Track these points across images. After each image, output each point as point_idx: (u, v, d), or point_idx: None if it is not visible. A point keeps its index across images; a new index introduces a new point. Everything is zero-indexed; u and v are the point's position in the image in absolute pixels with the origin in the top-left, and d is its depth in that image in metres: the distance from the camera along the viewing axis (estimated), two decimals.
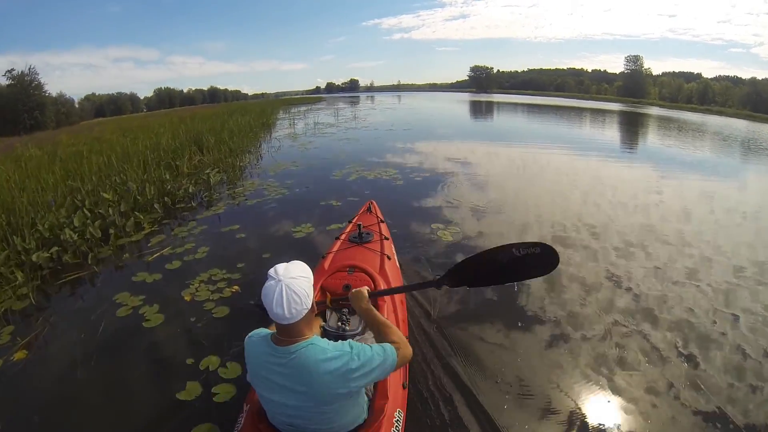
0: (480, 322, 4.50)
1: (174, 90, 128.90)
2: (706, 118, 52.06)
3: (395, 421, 2.50)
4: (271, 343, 2.05)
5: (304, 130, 23.32)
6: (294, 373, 1.98)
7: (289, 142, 18.34)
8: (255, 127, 22.79)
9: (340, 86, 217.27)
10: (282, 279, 1.94)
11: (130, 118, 57.49)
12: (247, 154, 15.29)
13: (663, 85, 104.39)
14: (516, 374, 3.73)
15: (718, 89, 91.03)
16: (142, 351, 4.26)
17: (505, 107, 53.01)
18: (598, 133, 26.54)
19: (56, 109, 67.15)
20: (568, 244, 6.69)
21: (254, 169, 12.69)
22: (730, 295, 5.21)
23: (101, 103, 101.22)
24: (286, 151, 15.94)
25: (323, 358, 1.97)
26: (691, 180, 12.15)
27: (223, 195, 9.95)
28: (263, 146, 17.55)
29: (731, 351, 4.12)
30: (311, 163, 13.12)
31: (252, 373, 2.16)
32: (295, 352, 1.97)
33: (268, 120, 27.72)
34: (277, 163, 13.41)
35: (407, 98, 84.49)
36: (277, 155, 15.16)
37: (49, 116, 62.05)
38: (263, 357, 2.07)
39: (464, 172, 11.88)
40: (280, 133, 22.58)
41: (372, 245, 4.50)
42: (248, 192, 10.06)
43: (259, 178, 11.41)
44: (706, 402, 3.43)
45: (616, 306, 4.90)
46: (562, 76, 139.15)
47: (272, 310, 1.94)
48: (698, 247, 6.73)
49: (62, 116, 67.69)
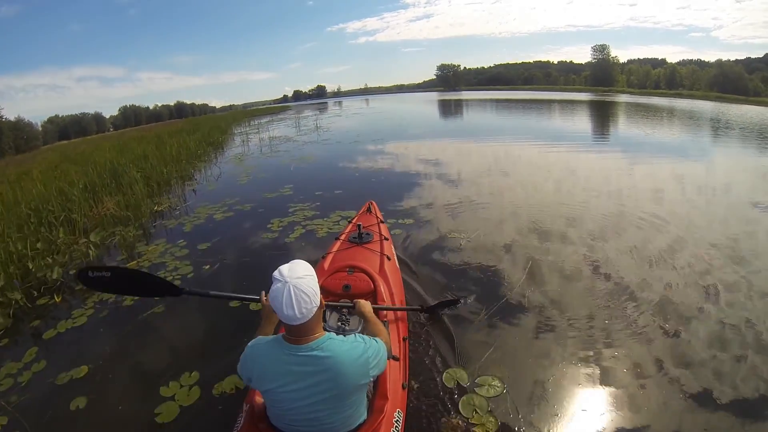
0: (475, 321, 4.46)
1: (140, 107, 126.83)
2: (676, 102, 51.62)
3: (395, 421, 2.47)
4: (286, 344, 2.03)
5: (256, 148, 20.04)
6: (318, 368, 1.98)
7: (231, 168, 14.82)
8: (198, 149, 19.47)
9: (308, 93, 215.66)
10: (288, 280, 1.93)
11: (84, 141, 54.10)
12: (175, 189, 12.02)
13: (631, 72, 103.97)
14: (511, 366, 3.72)
15: (684, 73, 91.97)
16: None
17: (475, 104, 50.79)
18: (569, 124, 26.17)
19: (15, 134, 64.84)
20: (545, 234, 6.72)
21: (168, 219, 9.12)
22: (707, 269, 5.31)
23: (65, 124, 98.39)
24: (223, 183, 12.43)
25: (346, 348, 2.04)
26: (661, 163, 12.41)
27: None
28: (199, 176, 14.02)
29: (713, 324, 4.18)
30: (245, 205, 9.46)
31: (265, 377, 2.08)
32: (317, 348, 1.99)
33: (218, 138, 24.23)
34: (201, 205, 9.80)
35: (375, 101, 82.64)
36: (208, 192, 11.52)
37: (7, 142, 60.04)
38: (280, 358, 2.03)
39: (438, 172, 11.71)
40: (228, 154, 19.29)
41: (372, 245, 4.50)
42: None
43: (167, 236, 7.89)
44: (693, 377, 3.46)
45: (598, 290, 4.95)
46: (530, 70, 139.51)
47: (282, 312, 1.93)
48: (673, 226, 6.84)
49: (21, 141, 65.48)
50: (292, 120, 39.24)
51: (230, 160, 17.02)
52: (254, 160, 16.37)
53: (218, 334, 4.53)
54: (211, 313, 4.87)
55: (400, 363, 3.08)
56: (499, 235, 6.66)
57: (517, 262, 5.74)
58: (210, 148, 20.86)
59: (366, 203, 5.79)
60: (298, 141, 21.15)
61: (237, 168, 14.61)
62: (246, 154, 18.04)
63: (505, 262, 5.79)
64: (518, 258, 5.88)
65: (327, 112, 54.92)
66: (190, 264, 6.40)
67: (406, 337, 3.53)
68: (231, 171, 14.17)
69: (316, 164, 14.24)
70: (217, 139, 23.83)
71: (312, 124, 31.62)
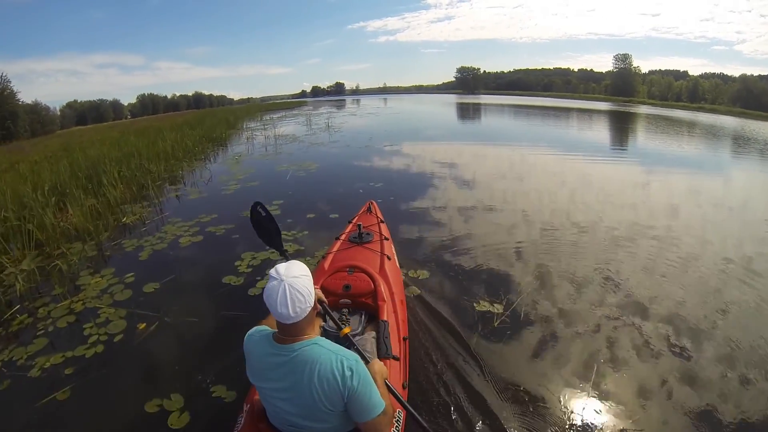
0: (476, 322, 4.44)
1: (157, 96, 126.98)
2: (698, 115, 49.66)
3: (395, 421, 2.40)
4: (272, 341, 2.00)
5: (260, 146, 18.39)
6: (294, 371, 1.92)
7: (225, 171, 13.09)
8: (197, 146, 17.99)
9: (326, 90, 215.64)
10: (284, 278, 1.89)
11: (95, 128, 53.38)
12: (156, 194, 10.33)
13: (652, 83, 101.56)
14: (514, 373, 3.65)
15: (707, 87, 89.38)
16: None
17: (494, 109, 48.66)
18: (588, 133, 25.28)
19: (31, 117, 64.13)
20: (557, 242, 6.58)
21: (131, 238, 7.36)
22: (719, 288, 5.18)
23: (83, 110, 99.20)
24: (208, 191, 10.64)
25: (326, 358, 1.91)
26: (679, 176, 12.03)
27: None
28: (188, 178, 12.39)
29: (722, 344, 4.05)
30: (219, 227, 7.57)
31: (252, 371, 2.08)
32: (297, 350, 1.93)
33: (221, 134, 22.52)
34: (173, 221, 8.08)
35: (393, 101, 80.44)
36: (187, 202, 9.74)
37: (22, 125, 59.06)
38: (264, 355, 2.01)
39: (451, 175, 11.55)
40: (229, 152, 17.65)
41: (372, 245, 4.43)
42: (59, 328, 4.81)
43: (119, 265, 6.23)
44: (698, 397, 3.37)
45: (607, 302, 4.84)
46: (549, 76, 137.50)
47: (276, 310, 1.88)
48: (686, 241, 6.67)
49: (37, 125, 65.00)
50: (305, 117, 37.30)
51: (228, 160, 15.41)
52: (253, 161, 14.65)
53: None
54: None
55: (401, 363, 3.01)
56: (510, 241, 6.57)
57: (528, 269, 5.67)
58: (211, 145, 19.35)
59: (366, 203, 5.71)
60: (305, 142, 19.32)
61: (231, 171, 12.88)
62: (246, 154, 16.35)
63: (516, 268, 5.70)
64: (529, 265, 5.80)
65: (343, 110, 53.10)
66: (124, 318, 4.75)
67: (406, 336, 3.46)
68: (223, 174, 12.46)
69: (316, 174, 12.07)
70: (221, 135, 22.18)
71: (324, 122, 29.74)
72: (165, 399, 3.46)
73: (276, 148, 17.64)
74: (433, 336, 4.15)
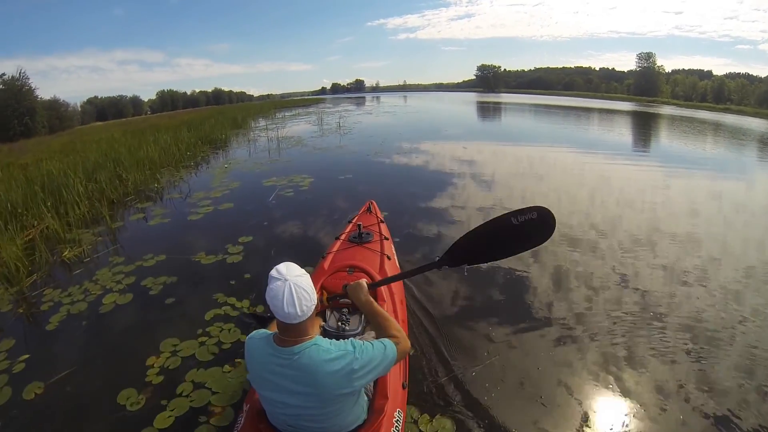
0: (481, 321, 4.36)
1: (177, 92, 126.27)
2: (725, 117, 46.96)
3: (395, 421, 2.43)
4: (273, 344, 1.97)
5: (260, 150, 16.27)
6: (298, 374, 1.90)
7: (203, 185, 10.81)
8: (190, 149, 16.11)
9: (346, 87, 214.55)
10: (288, 278, 1.87)
11: (106, 125, 52.92)
12: (116, 216, 8.47)
13: (676, 82, 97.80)
14: (518, 373, 3.60)
15: (733, 87, 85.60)
16: None
17: (516, 109, 46.09)
18: (610, 135, 23.64)
19: (49, 114, 63.29)
20: (575, 242, 6.44)
21: (54, 289, 5.49)
22: (739, 294, 5.03)
23: (104, 106, 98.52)
24: (172, 216, 8.44)
25: (327, 359, 1.91)
26: (701, 179, 11.65)
27: None
28: (166, 191, 10.48)
29: (741, 352, 3.92)
30: (158, 280, 5.50)
31: (253, 374, 2.06)
32: (298, 353, 1.90)
33: (219, 136, 20.36)
34: (108, 266, 6.02)
35: (413, 99, 78.22)
36: (141, 232, 7.70)
37: (41, 122, 58.33)
38: (265, 358, 1.98)
39: (471, 173, 11.30)
40: (223, 157, 15.56)
41: (372, 245, 4.38)
42: None
43: (20, 334, 4.50)
44: (715, 404, 3.25)
45: (624, 305, 4.73)
46: (570, 75, 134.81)
47: (283, 310, 1.84)
48: (707, 245, 6.47)
49: (56, 121, 63.93)
50: (318, 116, 35.12)
51: (216, 168, 13.29)
52: (241, 172, 12.39)
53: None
54: None
55: (400, 363, 2.87)
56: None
57: (545, 270, 5.52)
58: (208, 147, 17.44)
59: (366, 203, 5.55)
60: (309, 145, 17.13)
61: (211, 185, 10.69)
62: (239, 161, 14.23)
63: (533, 268, 5.52)
64: (546, 265, 5.64)
65: (360, 107, 51.17)
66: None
67: (407, 334, 3.21)
68: (202, 188, 10.36)
69: (306, 194, 9.46)
70: (219, 137, 20.13)
71: (334, 121, 27.50)
72: None
73: (276, 153, 15.56)
74: (433, 336, 4.09)
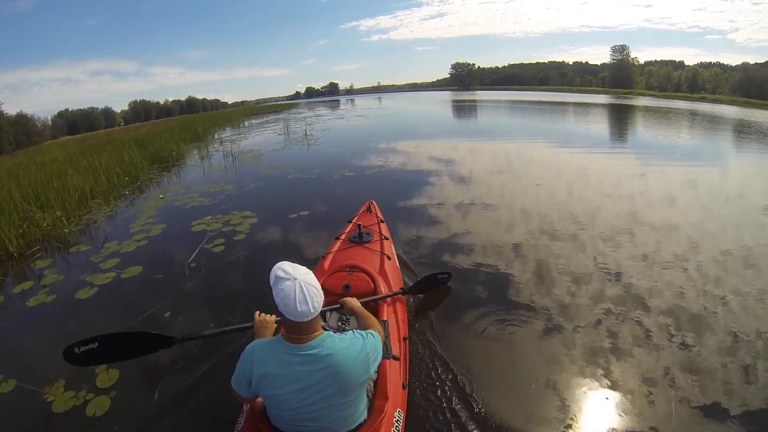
0: (476, 320, 4.26)
1: (150, 102, 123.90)
2: (701, 106, 46.04)
3: (395, 421, 2.41)
4: (286, 344, 1.97)
5: (213, 169, 14.01)
6: (319, 367, 1.92)
7: (123, 230, 8.23)
8: (126, 175, 13.45)
9: (320, 90, 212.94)
10: (297, 277, 1.89)
11: (68, 140, 50.29)
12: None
13: (651, 74, 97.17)
14: (514, 371, 3.57)
15: (707, 76, 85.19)
16: None
17: (490, 106, 44.32)
18: (588, 127, 23.99)
19: (16, 129, 61.76)
20: (555, 236, 6.40)
21: None
22: (719, 277, 5.03)
23: (75, 118, 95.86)
24: (60, 293, 5.76)
25: (345, 347, 1.98)
26: (677, 167, 11.51)
27: None
28: (78, 239, 7.98)
29: (723, 334, 3.93)
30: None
31: (265, 377, 1.98)
32: (318, 347, 1.93)
33: (171, 153, 17.68)
34: None
35: (387, 100, 76.32)
36: (17, 317, 5.44)
37: (6, 138, 57.02)
38: (282, 357, 1.96)
39: (448, 171, 11.23)
40: (165, 183, 13.01)
41: (372, 245, 4.37)
42: None
43: None
44: (701, 387, 3.27)
45: (607, 295, 4.70)
46: (545, 70, 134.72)
47: (296, 309, 1.85)
48: (685, 232, 6.50)
49: (23, 137, 62.27)
50: (287, 122, 32.63)
51: (147, 201, 10.60)
52: (171, 209, 9.50)
53: None
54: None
55: (401, 363, 2.97)
56: (508, 236, 6.38)
57: (526, 264, 5.50)
58: (155, 168, 15.10)
59: (366, 203, 5.60)
60: (267, 163, 14.44)
61: (130, 230, 8.12)
62: (179, 189, 11.51)
63: (514, 263, 5.52)
64: (527, 260, 5.63)
65: (334, 111, 49.32)
66: None
67: (406, 336, 3.40)
68: (115, 238, 7.76)
69: (238, 256, 6.45)
70: (171, 155, 17.48)
71: (303, 129, 24.91)
72: None
73: (225, 175, 13.03)
74: (433, 336, 4.00)
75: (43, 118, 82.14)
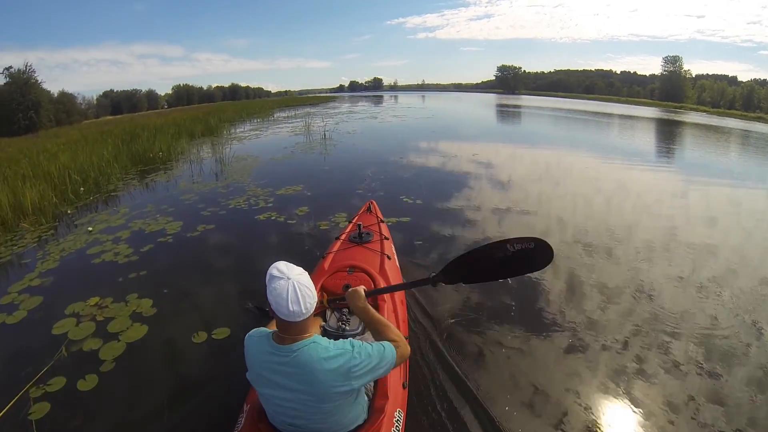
0: (482, 323, 4.16)
1: (192, 87, 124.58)
2: (757, 126, 41.22)
3: (395, 421, 2.33)
4: (273, 342, 1.90)
5: (204, 174, 11.08)
6: (296, 371, 1.83)
7: (16, 275, 5.73)
8: (87, 179, 10.55)
9: (364, 85, 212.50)
10: (291, 276, 1.80)
11: (105, 121, 52.08)
12: None
13: (703, 88, 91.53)
14: (517, 375, 3.44)
15: (763, 94, 79.58)
16: None
17: (536, 115, 39.08)
18: (641, 144, 20.65)
19: (56, 107, 62.36)
20: (590, 249, 6.06)
21: None
22: (755, 306, 4.65)
23: (119, 99, 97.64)
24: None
25: (325, 356, 1.84)
26: (721, 188, 10.77)
27: None
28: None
29: (755, 367, 3.62)
30: None
31: (252, 372, 1.98)
32: (297, 350, 1.83)
33: (160, 151, 14.51)
34: None
35: (431, 99, 73.39)
36: None
37: (46, 115, 57.00)
38: (264, 356, 1.90)
39: (488, 175, 10.65)
40: (121, 199, 9.85)
41: (372, 245, 4.25)
42: None
43: None
44: (726, 420, 3.06)
45: (637, 314, 4.42)
46: (591, 78, 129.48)
47: (287, 308, 1.77)
48: (724, 255, 6.04)
49: (63, 115, 63.01)
50: (317, 117, 30.07)
51: (76, 231, 7.55)
52: (75, 263, 6.20)
53: None
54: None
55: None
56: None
57: (558, 275, 5.20)
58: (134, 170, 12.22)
59: (366, 203, 5.44)
60: (249, 181, 10.86)
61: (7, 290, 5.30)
62: (119, 220, 8.08)
63: (546, 273, 5.09)
64: (559, 271, 5.30)
65: (377, 106, 48.79)
66: None
67: (406, 336, 2.99)
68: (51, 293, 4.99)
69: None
70: (157, 155, 14.16)
71: (326, 128, 21.09)
72: None
73: (188, 197, 9.79)
74: (433, 336, 3.89)
75: (88, 98, 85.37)
